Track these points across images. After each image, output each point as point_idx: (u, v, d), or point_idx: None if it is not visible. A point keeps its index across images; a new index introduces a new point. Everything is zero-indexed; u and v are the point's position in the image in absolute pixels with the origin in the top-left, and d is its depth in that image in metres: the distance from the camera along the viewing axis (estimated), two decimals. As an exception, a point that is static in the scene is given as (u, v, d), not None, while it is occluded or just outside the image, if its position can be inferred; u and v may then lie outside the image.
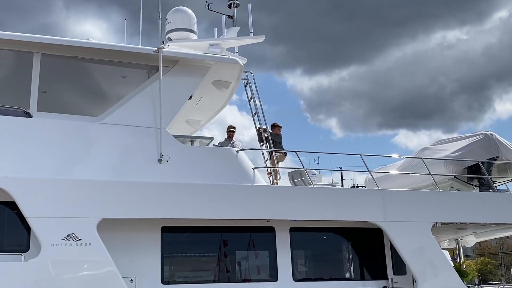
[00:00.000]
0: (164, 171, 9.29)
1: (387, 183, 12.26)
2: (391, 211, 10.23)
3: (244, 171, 9.97)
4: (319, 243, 10.69)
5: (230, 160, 9.97)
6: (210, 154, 10.03)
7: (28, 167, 8.58)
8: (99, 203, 8.55)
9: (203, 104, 11.74)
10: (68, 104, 10.59)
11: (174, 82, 9.97)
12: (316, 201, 9.94)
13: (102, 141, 9.28)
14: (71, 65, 9.90)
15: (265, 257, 10.01)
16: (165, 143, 9.45)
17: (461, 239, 14.04)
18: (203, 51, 10.48)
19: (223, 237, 9.82)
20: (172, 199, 9.00)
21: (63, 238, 8.19)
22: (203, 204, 9.16)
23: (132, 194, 8.81)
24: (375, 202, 10.22)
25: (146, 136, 9.47)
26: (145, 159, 9.33)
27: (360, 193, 10.91)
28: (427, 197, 10.72)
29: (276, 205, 9.61)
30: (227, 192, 9.40)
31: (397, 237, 10.11)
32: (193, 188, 9.20)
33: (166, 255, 9.29)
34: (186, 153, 9.71)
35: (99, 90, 10.68)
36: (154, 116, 9.61)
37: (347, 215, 10.06)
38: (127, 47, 9.90)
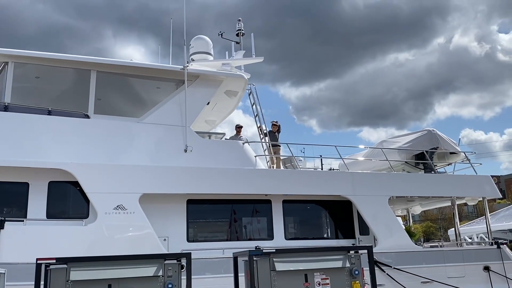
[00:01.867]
0: (188, 158, 9.29)
1: (355, 167, 12.21)
2: (358, 187, 10.21)
3: (248, 158, 9.95)
4: (304, 212, 10.62)
5: (238, 150, 9.94)
6: (222, 145, 10.00)
7: (87, 155, 8.60)
8: (140, 182, 8.54)
9: (218, 108, 11.70)
10: (117, 108, 10.60)
11: (196, 92, 9.93)
12: (302, 181, 9.90)
13: (142, 136, 9.26)
14: (119, 79, 9.89)
15: (264, 222, 10.00)
16: (189, 137, 9.45)
17: (411, 208, 14.03)
18: (218, 69, 10.49)
19: (233, 207, 9.79)
20: (194, 179, 8.97)
21: (113, 208, 8.22)
22: (217, 182, 9.13)
23: (164, 175, 8.78)
24: (346, 181, 10.20)
25: (175, 132, 9.46)
26: (175, 149, 9.31)
27: (335, 174, 10.84)
28: (385, 177, 10.68)
29: (272, 183, 9.59)
30: (235, 174, 9.36)
31: (362, 207, 10.11)
32: (210, 171, 9.17)
33: (190, 221, 9.29)
34: (205, 145, 9.68)
35: (140, 97, 10.69)
36: (181, 117, 9.59)
37: (325, 190, 10.04)
38: (160, 66, 9.86)
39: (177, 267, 5.33)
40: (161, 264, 5.31)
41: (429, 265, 10.02)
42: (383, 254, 9.73)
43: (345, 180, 10.22)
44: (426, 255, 10.16)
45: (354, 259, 5.82)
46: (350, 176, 10.32)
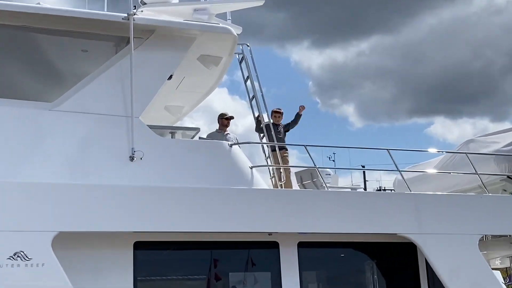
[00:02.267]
0: (136, 171, 9.34)
1: (422, 186, 12.35)
2: (427, 221, 10.31)
3: (239, 170, 10.05)
4: (335, 262, 10.79)
5: (222, 157, 10.04)
6: (196, 149, 10.09)
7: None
8: (54, 212, 8.55)
9: (186, 86, 11.83)
10: (15, 87, 10.64)
11: (149, 58, 10.04)
12: (331, 209, 10.00)
13: (58, 134, 9.32)
14: (18, 37, 9.93)
15: (267, 279, 10.08)
16: (138, 135, 9.49)
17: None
18: (186, 18, 10.50)
19: (213, 256, 9.88)
20: (147, 207, 9.01)
21: (8, 258, 8.15)
22: (187, 213, 9.19)
23: (96, 200, 8.81)
24: (406, 210, 10.31)
25: (114, 127, 9.53)
26: (113, 156, 9.38)
27: (388, 198, 11.00)
28: (473, 203, 10.80)
29: (280, 214, 9.66)
30: (218, 197, 9.43)
31: (434, 254, 10.19)
32: (175, 193, 9.24)
33: (140, 278, 9.32)
34: (165, 148, 9.77)
35: (53, 68, 10.73)
36: (124, 102, 9.65)
37: (371, 226, 10.12)
38: (88, 14, 9.87)
39: None
40: None
41: None
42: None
43: (404, 209, 10.33)
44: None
45: None
46: (414, 202, 10.41)
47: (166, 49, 10.19)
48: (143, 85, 9.82)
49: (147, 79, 9.93)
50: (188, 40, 10.35)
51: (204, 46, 10.64)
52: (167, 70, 10.32)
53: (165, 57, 10.22)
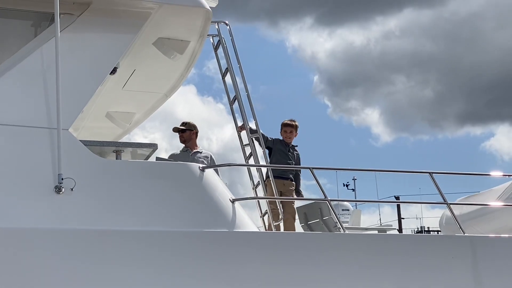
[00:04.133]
0: (65, 208, 9.33)
1: (482, 225, 12.53)
2: (490, 275, 10.44)
3: (214, 205, 10.08)
4: None
5: (190, 186, 10.10)
6: (152, 175, 10.12)
7: None
8: None
9: (138, 83, 12.04)
10: None
11: (82, 43, 10.19)
12: (350, 260, 10.07)
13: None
14: None
15: None
16: (68, 156, 9.48)
17: None
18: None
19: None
20: (80, 260, 9.03)
21: None
22: (138, 270, 9.21)
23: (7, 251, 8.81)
24: (458, 260, 10.41)
25: (32, 143, 9.59)
26: (31, 185, 9.38)
27: (433, 243, 11.04)
28: None
29: (276, 269, 9.71)
30: (184, 245, 9.51)
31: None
32: (119, 238, 9.29)
33: None
34: (108, 174, 9.81)
35: None
36: (47, 107, 9.69)
37: (409, 284, 10.22)
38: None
39: None
40: None
41: None
42: None
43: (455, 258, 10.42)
44: None
45: None
46: (469, 247, 10.60)
47: (107, 31, 10.33)
48: (74, 83, 9.87)
49: (80, 74, 10.03)
50: (140, 17, 10.43)
51: (163, 25, 10.75)
52: (110, 61, 10.37)
53: (106, 42, 10.35)
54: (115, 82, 11.40)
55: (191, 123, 12.02)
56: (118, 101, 12.38)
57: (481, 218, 12.84)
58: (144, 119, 13.30)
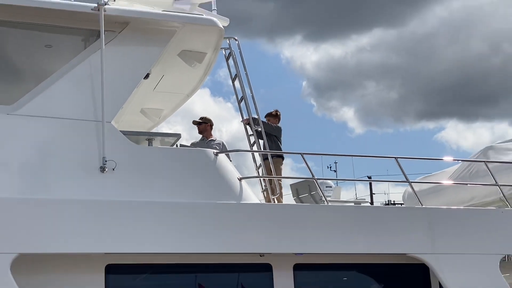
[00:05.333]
0: (108, 183, 9.34)
1: (435, 199, 12.46)
2: (441, 239, 10.38)
3: (225, 183, 10.06)
4: (337, 287, 10.77)
5: (206, 167, 10.07)
6: (176, 158, 10.13)
7: None
8: (13, 231, 8.53)
9: (166, 86, 11.92)
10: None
11: (122, 55, 10.11)
12: (332, 226, 10.05)
13: (17, 141, 9.32)
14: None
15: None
16: (110, 143, 9.47)
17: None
18: (166, 9, 10.56)
19: (197, 280, 9.92)
20: (120, 225, 9.04)
21: (-39, 283, 8.19)
22: (167, 232, 9.21)
23: (61, 218, 8.80)
24: (418, 227, 10.38)
25: (82, 133, 9.54)
26: (81, 166, 9.36)
27: (396, 213, 11.08)
28: (494, 218, 10.89)
29: (274, 233, 9.72)
30: (202, 214, 9.45)
31: (449, 277, 10.23)
32: (152, 208, 9.24)
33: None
34: (141, 158, 9.80)
35: (13, 66, 10.65)
36: (94, 104, 9.66)
37: (378, 246, 10.20)
38: (53, 4, 9.82)
39: None
40: None
41: None
42: None
43: (416, 225, 10.41)
44: None
45: None
46: (426, 217, 10.49)
47: (142, 44, 10.25)
48: (115, 85, 9.85)
49: (120, 78, 9.98)
50: (167, 34, 10.37)
51: (185, 40, 10.66)
52: (143, 68, 10.33)
53: (140, 53, 10.28)
54: (147, 85, 11.36)
55: (206, 117, 11.96)
56: (150, 100, 12.32)
57: (435, 193, 12.85)
58: (170, 114, 13.23)
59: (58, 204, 8.88)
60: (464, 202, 12.43)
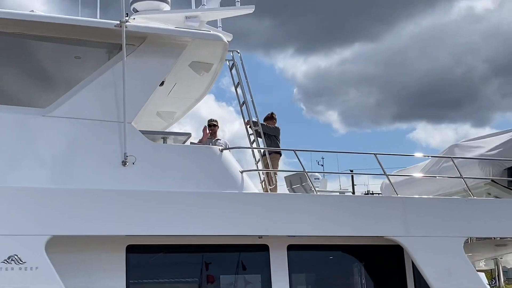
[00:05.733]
0: (129, 175, 9.40)
1: (408, 189, 12.41)
2: (414, 224, 10.42)
3: (229, 175, 10.12)
4: (324, 265, 10.87)
5: (212, 162, 10.12)
6: (187, 154, 10.20)
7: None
8: (48, 216, 8.60)
9: (178, 92, 11.87)
10: (8, 92, 10.60)
11: (141, 65, 10.07)
12: (320, 212, 10.08)
13: (51, 139, 9.38)
14: (11, 43, 9.95)
15: (257, 282, 10.17)
16: (130, 140, 9.56)
17: (501, 258, 14.22)
18: (178, 26, 10.62)
19: (204, 259, 9.94)
20: (139, 211, 9.07)
21: (2, 261, 8.19)
22: (178, 217, 9.28)
23: (89, 204, 8.87)
24: (393, 213, 10.42)
25: (107, 132, 9.59)
26: (106, 161, 9.44)
27: (375, 202, 11.08)
28: (458, 206, 10.91)
29: (270, 218, 9.76)
30: (209, 201, 9.52)
31: (421, 256, 10.28)
32: (166, 197, 9.31)
33: (132, 281, 9.37)
34: (157, 153, 9.84)
35: (46, 75, 10.73)
36: (117, 107, 9.71)
37: (359, 229, 10.20)
38: (81, 21, 9.95)
39: None
40: None
41: None
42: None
43: (392, 212, 10.45)
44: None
45: None
46: (401, 205, 10.55)
47: (158, 56, 10.23)
48: (135, 91, 9.86)
49: (139, 85, 9.98)
50: (179, 47, 10.38)
51: (195, 52, 10.67)
52: (159, 76, 10.35)
53: (157, 64, 10.25)
54: (162, 91, 11.32)
55: (216, 120, 11.92)
56: (164, 104, 12.28)
57: (409, 185, 12.82)
58: (181, 116, 13.17)
59: (86, 193, 8.91)
60: (433, 192, 12.44)
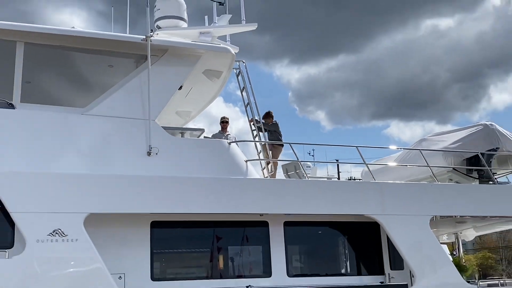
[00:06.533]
0: (153, 164, 9.29)
1: (384, 176, 12.33)
2: (389, 204, 10.29)
3: (236, 164, 10.00)
4: (314, 238, 10.75)
5: (222, 153, 10.01)
6: (201, 146, 10.07)
7: (11, 160, 8.56)
8: (86, 197, 8.55)
9: (194, 94, 11.76)
10: (53, 95, 10.59)
11: (163, 72, 9.97)
12: (311, 195, 9.98)
13: (88, 134, 9.29)
14: (56, 54, 9.87)
15: (259, 252, 10.08)
16: (154, 135, 9.46)
17: (461, 232, 14.10)
18: (194, 40, 10.50)
19: (215, 232, 9.86)
20: (161, 193, 9.01)
21: (48, 234, 8.16)
22: (194, 198, 9.19)
23: (120, 188, 8.82)
24: (372, 195, 10.29)
25: (134, 128, 9.48)
26: (134, 151, 9.33)
27: (357, 186, 10.97)
28: (425, 190, 10.79)
29: (270, 199, 9.66)
30: (218, 185, 9.42)
31: (394, 231, 10.17)
32: (184, 181, 9.22)
33: (156, 251, 9.32)
34: (176, 145, 9.73)
35: (85, 80, 10.68)
36: (143, 107, 9.60)
37: (343, 208, 10.11)
38: (114, 36, 9.87)
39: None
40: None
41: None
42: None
43: (370, 194, 10.31)
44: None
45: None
46: (378, 189, 10.41)
47: (177, 65, 10.14)
48: (158, 94, 9.78)
49: (161, 89, 9.88)
50: (195, 58, 10.31)
51: (208, 62, 10.58)
52: (178, 82, 10.25)
53: (176, 71, 10.15)
54: (181, 94, 11.22)
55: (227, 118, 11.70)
56: (182, 104, 12.18)
57: (384, 172, 12.71)
58: (196, 115, 13.05)
59: (117, 178, 8.88)
60: (405, 178, 12.31)
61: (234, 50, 10.69)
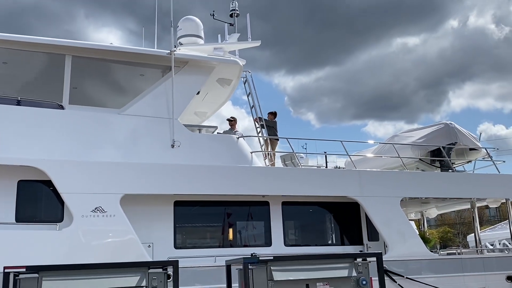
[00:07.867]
0: (175, 154, 9.29)
1: (363, 165, 12.26)
2: (366, 187, 10.23)
3: (243, 154, 9.97)
4: (306, 215, 10.68)
5: (231, 146, 9.97)
6: (214, 140, 10.03)
7: (61, 151, 8.58)
8: (121, 181, 8.55)
9: (209, 98, 11.70)
10: (95, 98, 10.59)
11: (184, 80, 9.93)
12: (303, 180, 9.93)
13: (124, 129, 9.27)
14: (97, 65, 9.87)
15: (261, 226, 10.04)
16: (177, 131, 9.45)
17: (425, 211, 14.09)
18: (209, 54, 10.45)
19: (226, 210, 9.83)
20: (182, 178, 8.99)
21: (91, 211, 8.20)
22: (208, 182, 9.15)
23: (149, 173, 8.79)
24: (353, 181, 10.22)
25: (161, 125, 9.45)
26: (160, 144, 9.31)
27: (341, 173, 10.88)
28: (397, 176, 10.72)
29: (270, 183, 9.61)
30: (229, 172, 9.38)
31: (371, 210, 10.13)
32: (200, 168, 9.19)
33: (178, 225, 9.32)
34: (194, 140, 9.70)
35: (121, 86, 10.68)
36: (167, 108, 9.58)
37: (330, 191, 10.06)
38: (144, 50, 9.85)
39: (163, 277, 5.35)
40: (144, 273, 5.32)
41: (446, 274, 10.06)
42: (394, 262, 9.77)
43: (351, 179, 10.24)
44: (443, 264, 10.19)
45: (361, 267, 5.85)
46: (358, 175, 10.33)
47: (195, 74, 10.09)
48: (180, 98, 9.74)
49: (183, 93, 9.83)
50: (210, 68, 10.28)
51: (220, 72, 10.55)
52: (196, 88, 10.20)
53: (195, 79, 10.10)
54: (198, 98, 11.19)
55: (235, 117, 11.64)
56: (199, 106, 12.14)
57: (363, 162, 12.57)
58: (211, 115, 12.99)
59: (146, 166, 8.84)
60: (380, 167, 12.17)
61: (241, 62, 10.65)
